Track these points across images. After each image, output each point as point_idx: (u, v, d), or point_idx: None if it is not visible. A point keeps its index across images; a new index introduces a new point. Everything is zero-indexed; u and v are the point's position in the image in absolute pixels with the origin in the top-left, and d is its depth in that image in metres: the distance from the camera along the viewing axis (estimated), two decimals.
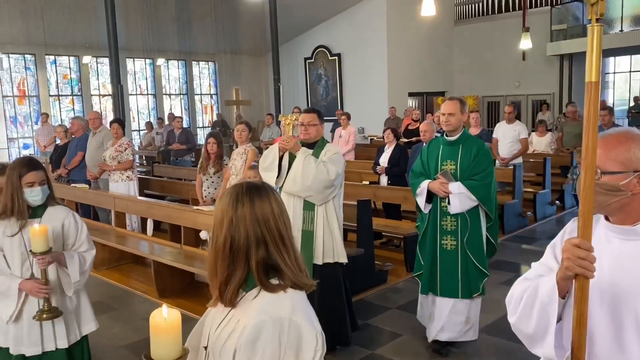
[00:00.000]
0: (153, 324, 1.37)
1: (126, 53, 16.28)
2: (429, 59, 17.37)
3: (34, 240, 2.79)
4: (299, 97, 18.42)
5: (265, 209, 1.53)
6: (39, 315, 2.89)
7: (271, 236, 1.53)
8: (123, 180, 7.45)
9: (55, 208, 3.04)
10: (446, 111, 3.93)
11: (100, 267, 6.67)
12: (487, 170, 3.89)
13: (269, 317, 1.43)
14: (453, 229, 3.95)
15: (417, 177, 4.07)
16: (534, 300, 1.57)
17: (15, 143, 15.38)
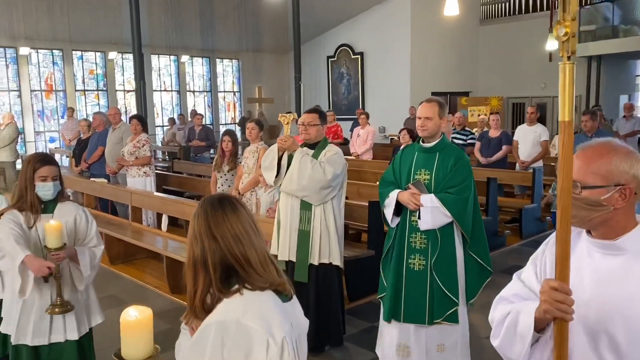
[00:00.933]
0: (123, 323, 1.37)
1: (151, 49, 16.49)
2: (453, 59, 17.16)
3: (49, 236, 2.84)
4: (321, 95, 18.40)
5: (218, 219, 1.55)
6: (51, 309, 2.94)
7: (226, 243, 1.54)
8: (140, 176, 7.54)
9: (65, 204, 3.10)
10: (422, 114, 3.48)
11: (116, 261, 6.79)
12: (465, 184, 3.42)
13: (214, 321, 1.46)
14: (422, 247, 3.47)
15: (386, 187, 3.62)
16: (514, 329, 1.56)
17: (42, 136, 15.72)
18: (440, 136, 3.51)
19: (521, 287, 1.69)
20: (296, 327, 1.58)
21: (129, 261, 6.85)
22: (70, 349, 3.09)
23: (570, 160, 1.41)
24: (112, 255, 6.77)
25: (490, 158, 8.31)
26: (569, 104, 1.40)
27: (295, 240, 4.09)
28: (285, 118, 4.22)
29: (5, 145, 10.97)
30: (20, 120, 15.05)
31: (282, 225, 4.16)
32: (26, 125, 15.23)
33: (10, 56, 14.86)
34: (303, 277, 4.09)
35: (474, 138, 8.94)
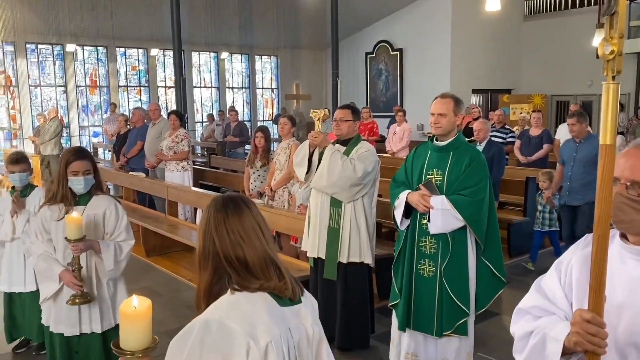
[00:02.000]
0: (123, 313, 1.37)
1: (191, 46, 16.75)
2: (495, 55, 16.77)
3: (69, 227, 2.92)
4: (359, 92, 18.30)
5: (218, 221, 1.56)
6: (72, 300, 3.04)
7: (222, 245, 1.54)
8: (178, 171, 7.67)
9: (99, 197, 3.16)
10: (436, 111, 3.28)
11: (152, 253, 6.92)
12: (480, 185, 3.17)
13: (199, 319, 1.46)
14: (432, 252, 3.28)
15: (397, 187, 3.44)
16: (541, 353, 1.48)
17: (86, 131, 16.20)
18: (456, 134, 3.32)
19: (541, 300, 1.59)
20: (296, 332, 1.55)
21: (164, 254, 6.98)
22: (95, 341, 3.18)
23: (609, 188, 1.32)
24: (148, 247, 6.91)
25: (530, 157, 8.08)
26: (611, 126, 1.29)
27: (325, 237, 4.05)
28: (317, 114, 4.19)
29: (50, 139, 11.35)
30: (66, 115, 15.57)
31: (312, 222, 4.14)
32: (71, 120, 15.73)
33: (57, 53, 15.37)
34: (332, 275, 4.06)
35: (513, 136, 8.70)
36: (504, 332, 4.57)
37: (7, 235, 3.94)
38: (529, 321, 1.58)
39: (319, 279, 4.14)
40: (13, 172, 3.90)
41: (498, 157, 6.40)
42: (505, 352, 4.14)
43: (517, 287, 5.66)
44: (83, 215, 3.07)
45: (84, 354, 3.17)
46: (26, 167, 3.97)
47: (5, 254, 4.09)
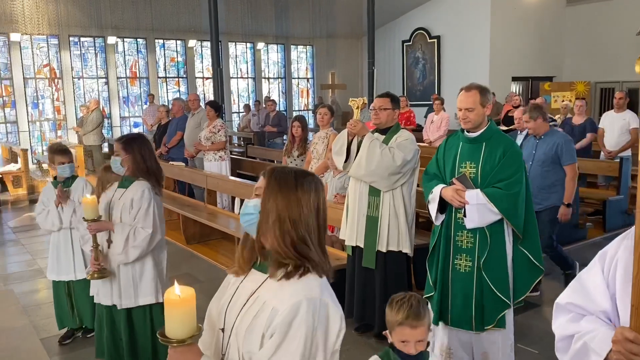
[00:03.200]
0: (167, 302, 1.38)
1: (228, 37, 16.89)
2: (537, 42, 16.31)
3: (85, 208, 3.14)
4: (395, 81, 18.12)
5: (319, 203, 1.56)
6: (90, 275, 3.27)
7: (324, 223, 1.56)
8: (216, 160, 7.78)
9: (138, 182, 3.27)
10: (462, 106, 3.17)
11: (192, 241, 7.07)
12: (515, 177, 3.07)
13: (304, 298, 1.45)
14: (469, 246, 3.18)
15: (430, 180, 3.36)
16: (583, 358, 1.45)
17: (126, 121, 16.59)
18: (487, 123, 3.20)
19: (580, 298, 1.55)
20: None
21: (203, 241, 7.12)
22: (120, 316, 3.34)
23: None
24: (188, 235, 7.07)
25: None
26: None
27: (363, 226, 4.05)
28: (355, 102, 4.17)
29: (93, 130, 11.69)
30: (107, 106, 15.97)
31: (351, 210, 4.14)
32: (113, 110, 16.13)
33: (99, 45, 15.75)
34: (370, 264, 4.06)
35: (555, 125, 8.47)
36: (545, 323, 4.50)
37: (54, 225, 4.09)
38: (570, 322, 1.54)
39: (357, 268, 4.16)
40: (63, 163, 4.04)
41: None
42: (545, 344, 4.08)
43: (558, 279, 5.55)
44: (122, 198, 3.22)
45: (118, 324, 3.37)
46: (72, 158, 4.14)
47: (52, 243, 4.25)
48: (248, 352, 1.48)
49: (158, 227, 3.26)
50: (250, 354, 1.47)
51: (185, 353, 1.44)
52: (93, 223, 3.15)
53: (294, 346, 1.42)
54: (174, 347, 1.42)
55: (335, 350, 1.51)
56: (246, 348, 1.49)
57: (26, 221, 8.67)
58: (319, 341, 1.46)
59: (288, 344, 1.42)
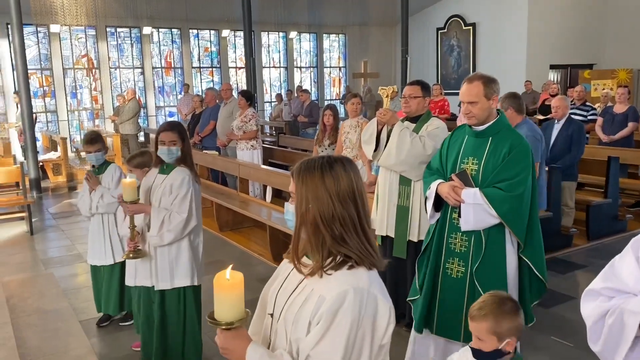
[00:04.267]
0: (217, 285, 1.40)
1: (260, 26, 16.93)
2: (576, 28, 15.81)
3: (124, 190, 3.22)
4: (429, 69, 17.87)
5: (355, 187, 1.52)
6: (126, 254, 3.36)
7: (364, 212, 1.53)
8: (248, 149, 7.84)
9: (179, 169, 3.34)
10: (465, 99, 2.86)
11: (224, 228, 7.17)
12: (520, 177, 2.77)
13: (350, 287, 1.44)
14: (463, 250, 2.92)
15: (431, 175, 3.10)
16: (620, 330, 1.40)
17: (162, 111, 16.87)
18: (496, 116, 2.90)
19: (614, 281, 1.50)
20: None
21: (236, 229, 7.21)
22: (155, 296, 3.42)
23: None
24: (221, 222, 7.17)
25: (613, 136, 7.62)
26: None
27: (394, 215, 4.02)
28: (385, 91, 4.12)
29: (129, 119, 11.92)
30: (143, 96, 16.26)
31: (381, 200, 4.12)
32: (148, 100, 16.42)
33: (135, 36, 16.02)
34: (401, 253, 4.04)
35: (595, 114, 8.23)
36: (580, 316, 4.39)
37: (86, 210, 4.22)
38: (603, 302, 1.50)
39: (388, 257, 4.13)
40: (89, 152, 4.17)
41: (577, 135, 6.07)
42: (580, 338, 3.98)
43: (596, 271, 5.39)
44: (163, 183, 3.28)
45: (155, 304, 3.44)
46: (101, 147, 4.20)
47: (89, 228, 4.40)
48: (295, 339, 1.48)
49: (193, 214, 3.31)
50: (297, 341, 1.47)
51: (235, 337, 1.45)
52: (131, 205, 3.24)
53: (338, 335, 1.41)
54: (223, 330, 1.43)
55: (383, 345, 1.49)
56: (293, 335, 1.48)
57: (66, 207, 8.94)
58: (365, 333, 1.44)
59: (333, 333, 1.41)
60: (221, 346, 1.46)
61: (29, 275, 5.73)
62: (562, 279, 5.24)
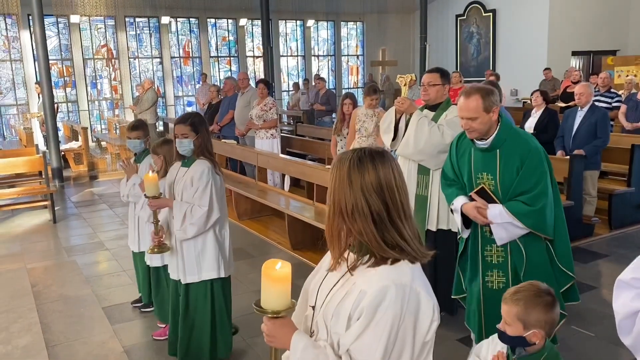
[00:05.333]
0: (265, 274, 1.41)
1: (278, 15, 16.88)
2: (599, 13, 15.48)
3: (146, 185, 3.25)
4: (448, 56, 17.66)
5: (389, 177, 1.49)
6: (151, 249, 3.40)
7: (395, 206, 1.49)
8: (267, 138, 7.85)
9: (200, 161, 3.32)
10: (463, 114, 2.78)
11: (243, 216, 7.22)
12: (539, 188, 2.74)
13: (392, 283, 1.41)
14: (501, 261, 2.88)
15: (449, 186, 3.07)
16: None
17: (180, 100, 16.97)
18: (497, 127, 2.80)
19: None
20: None
21: (255, 217, 7.25)
22: (181, 289, 3.45)
23: None
24: (240, 211, 7.22)
25: (638, 123, 7.47)
26: None
27: (412, 205, 4.00)
28: (404, 79, 4.09)
29: (148, 108, 12.00)
30: (162, 86, 16.37)
31: None
32: (167, 90, 16.52)
33: (153, 25, 16.10)
34: None
35: (620, 101, 8.06)
36: (602, 306, 4.36)
37: (122, 196, 4.29)
38: (634, 299, 1.47)
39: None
40: (130, 138, 4.21)
41: (602, 123, 5.95)
42: (603, 327, 3.95)
43: (618, 261, 5.35)
44: (185, 176, 3.29)
45: (181, 297, 3.48)
46: (140, 135, 4.21)
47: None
48: (335, 332, 1.47)
49: (215, 206, 3.29)
50: (338, 335, 1.46)
51: (281, 326, 1.46)
52: (153, 200, 3.27)
53: (379, 331, 1.39)
54: (269, 318, 1.44)
55: (426, 342, 1.47)
56: (334, 329, 1.47)
57: (87, 196, 9.07)
58: (407, 330, 1.41)
59: (373, 329, 1.39)
60: (267, 333, 1.47)
61: (52, 263, 5.84)
62: (583, 268, 5.18)
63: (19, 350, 3.86)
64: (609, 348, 3.69)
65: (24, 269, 5.59)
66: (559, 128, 6.46)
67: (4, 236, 6.86)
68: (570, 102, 9.60)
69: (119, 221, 7.41)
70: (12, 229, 7.20)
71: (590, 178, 6.03)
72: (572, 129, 6.15)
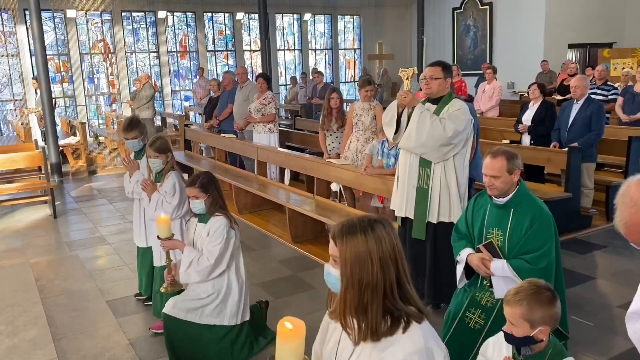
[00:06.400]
0: (280, 332, 1.48)
1: (275, 9, 16.85)
2: (596, 6, 15.50)
3: (159, 226, 3.37)
4: (445, 49, 17.67)
5: (395, 246, 1.53)
6: (165, 288, 3.47)
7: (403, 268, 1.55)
8: (266, 132, 7.88)
9: (217, 217, 3.41)
10: (488, 172, 2.95)
11: (243, 211, 7.26)
12: (543, 250, 2.86)
13: (413, 353, 1.49)
14: (489, 305, 2.99)
15: (460, 239, 3.20)
16: None
17: (177, 95, 16.95)
18: (516, 187, 2.99)
19: None
20: None
21: (255, 211, 7.29)
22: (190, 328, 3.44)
23: None
24: (240, 205, 7.25)
25: (634, 115, 7.53)
26: None
27: (413, 197, 4.04)
28: (406, 73, 4.11)
29: (145, 103, 12.01)
30: (159, 80, 16.34)
31: (401, 181, 4.14)
32: (164, 84, 16.50)
33: (150, 20, 16.05)
34: (421, 235, 4.07)
35: (616, 93, 8.12)
36: (599, 296, 4.43)
37: (127, 193, 4.35)
38: None
39: (407, 238, 4.17)
40: (127, 139, 4.24)
41: (597, 115, 6.02)
42: (600, 317, 4.02)
43: (616, 252, 5.42)
44: (203, 232, 3.40)
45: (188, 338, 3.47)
46: (137, 134, 4.25)
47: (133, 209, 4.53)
48: None
49: (222, 261, 3.37)
50: None
51: None
52: (166, 241, 3.37)
53: None
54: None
55: None
56: None
57: (87, 191, 9.09)
58: None
59: None
60: None
61: (55, 257, 5.88)
62: (581, 259, 5.25)
63: (26, 343, 3.91)
64: (608, 337, 3.76)
65: (27, 264, 5.62)
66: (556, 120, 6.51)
67: (5, 231, 6.89)
68: (567, 94, 9.65)
69: (119, 215, 7.44)
70: (13, 224, 7.23)
71: (586, 170, 6.09)
72: (567, 121, 6.21)
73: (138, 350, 3.81)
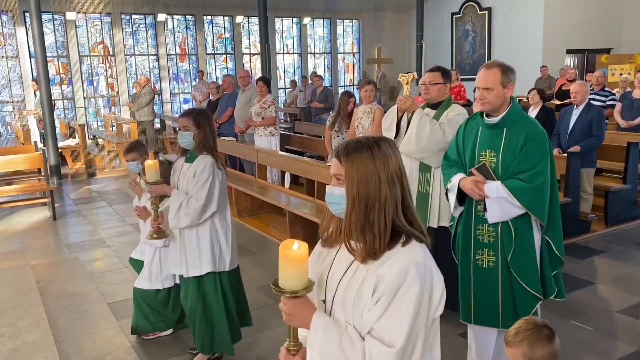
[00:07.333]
0: (282, 254, 1.41)
1: (275, 12, 16.89)
2: (594, 11, 15.60)
3: (148, 171, 3.33)
4: (443, 54, 17.74)
5: (400, 165, 1.52)
6: (150, 235, 3.49)
7: (407, 186, 1.53)
8: (266, 136, 7.89)
9: (203, 156, 3.36)
10: (480, 85, 2.85)
11: (243, 213, 7.26)
12: (538, 167, 2.78)
13: (411, 262, 1.44)
14: (492, 240, 2.94)
15: (450, 166, 3.10)
16: None
17: (177, 98, 16.96)
18: (509, 105, 2.89)
19: None
20: None
21: (254, 214, 7.30)
22: (190, 284, 3.48)
23: None
24: (240, 208, 7.26)
25: (633, 121, 7.57)
26: None
27: (414, 202, 4.04)
28: (405, 78, 4.14)
29: (145, 106, 12.01)
30: (158, 83, 16.35)
31: None
32: (163, 87, 16.51)
33: (150, 23, 16.08)
34: None
35: (614, 99, 8.17)
36: (599, 301, 4.45)
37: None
38: None
39: None
40: (127, 160, 4.21)
41: (597, 121, 6.05)
42: (599, 322, 4.04)
43: (615, 257, 5.44)
44: (188, 171, 3.35)
45: (185, 293, 3.52)
46: (136, 156, 4.05)
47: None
48: (358, 319, 1.49)
49: (212, 200, 3.31)
50: (361, 320, 1.48)
51: (301, 306, 1.48)
52: (154, 186, 3.34)
53: (404, 309, 1.42)
54: (288, 297, 1.46)
55: (435, 318, 1.51)
56: (356, 315, 1.49)
57: (86, 194, 9.09)
58: (424, 306, 1.45)
59: (397, 307, 1.42)
60: (287, 312, 1.48)
61: (55, 259, 5.87)
62: (580, 264, 5.27)
63: (28, 345, 3.91)
64: (608, 341, 3.78)
65: (27, 266, 5.62)
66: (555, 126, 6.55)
67: (4, 233, 6.88)
68: (566, 100, 9.70)
69: (119, 218, 7.44)
70: (12, 226, 7.22)
71: (586, 175, 6.12)
72: (567, 127, 6.24)
73: (140, 353, 3.81)
